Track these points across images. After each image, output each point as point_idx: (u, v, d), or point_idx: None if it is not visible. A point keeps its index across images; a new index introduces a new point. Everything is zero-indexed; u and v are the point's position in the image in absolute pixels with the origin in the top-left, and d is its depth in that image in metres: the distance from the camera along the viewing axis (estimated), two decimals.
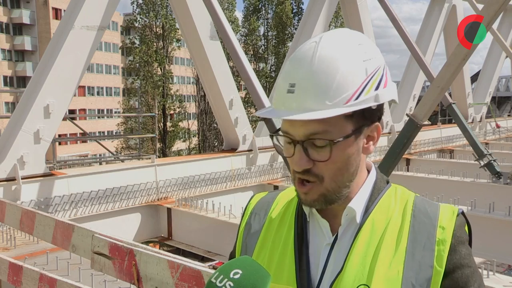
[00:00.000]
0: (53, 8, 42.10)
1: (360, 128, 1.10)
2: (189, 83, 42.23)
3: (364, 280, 1.07)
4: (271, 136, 1.18)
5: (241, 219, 1.32)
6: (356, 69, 1.07)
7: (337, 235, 1.14)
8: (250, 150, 9.41)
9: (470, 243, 1.15)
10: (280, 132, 1.13)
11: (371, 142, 1.14)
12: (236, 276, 0.97)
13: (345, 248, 1.11)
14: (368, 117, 1.11)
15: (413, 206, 1.14)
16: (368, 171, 1.19)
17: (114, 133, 39.48)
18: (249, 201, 1.34)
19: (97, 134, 40.04)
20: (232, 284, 0.96)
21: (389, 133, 12.52)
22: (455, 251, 1.09)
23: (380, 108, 1.13)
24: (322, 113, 1.04)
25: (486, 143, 14.41)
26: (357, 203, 1.13)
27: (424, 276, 1.06)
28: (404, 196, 1.17)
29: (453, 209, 1.14)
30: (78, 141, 40.14)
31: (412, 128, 5.53)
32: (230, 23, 30.37)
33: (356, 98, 1.06)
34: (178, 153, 36.81)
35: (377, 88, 1.09)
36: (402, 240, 1.09)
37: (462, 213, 1.14)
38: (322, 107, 1.05)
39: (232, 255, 1.33)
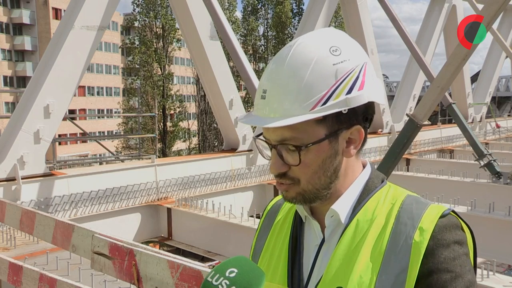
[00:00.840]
0: (53, 8, 42.05)
1: (336, 132, 1.08)
2: (189, 83, 42.24)
3: (341, 282, 1.06)
4: (254, 139, 1.19)
5: (259, 224, 1.36)
6: (323, 74, 1.05)
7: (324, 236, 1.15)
8: (250, 150, 9.40)
9: (474, 246, 1.09)
10: (261, 136, 1.14)
11: (352, 146, 1.11)
12: (232, 275, 0.98)
13: (332, 249, 1.11)
14: (344, 121, 1.08)
15: (400, 207, 1.09)
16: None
17: (114, 133, 39.50)
18: (267, 205, 1.37)
19: (97, 134, 40.04)
20: (228, 283, 0.97)
21: (389, 133, 12.51)
22: (433, 255, 1.02)
23: (363, 109, 1.09)
24: (286, 121, 1.04)
25: (486, 143, 14.41)
26: (342, 204, 1.12)
27: (398, 280, 1.02)
28: (395, 196, 1.13)
29: (439, 209, 1.07)
30: (78, 141, 40.15)
31: (412, 128, 5.52)
32: (231, 23, 30.38)
33: (324, 104, 1.04)
34: (178, 153, 36.81)
35: (349, 92, 1.06)
36: (382, 241, 1.06)
37: (455, 213, 1.08)
38: (288, 114, 1.05)
39: None
